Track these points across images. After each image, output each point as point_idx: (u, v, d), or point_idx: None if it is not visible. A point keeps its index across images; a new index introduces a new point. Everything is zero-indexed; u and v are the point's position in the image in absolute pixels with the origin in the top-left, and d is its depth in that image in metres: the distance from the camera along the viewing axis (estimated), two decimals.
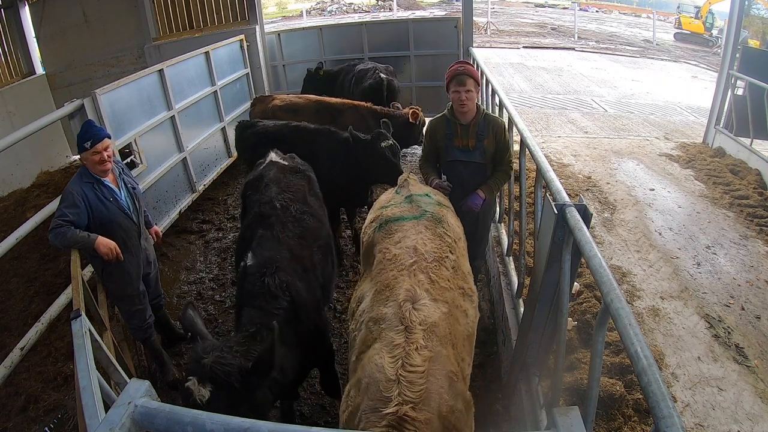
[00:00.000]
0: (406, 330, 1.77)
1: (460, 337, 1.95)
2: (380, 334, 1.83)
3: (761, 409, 2.77)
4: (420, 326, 1.78)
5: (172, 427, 1.03)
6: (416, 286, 1.97)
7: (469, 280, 2.33)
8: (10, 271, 4.75)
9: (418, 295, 1.92)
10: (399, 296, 1.92)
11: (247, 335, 2.15)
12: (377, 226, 2.48)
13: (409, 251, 2.17)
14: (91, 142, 2.83)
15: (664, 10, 23.01)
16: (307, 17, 23.18)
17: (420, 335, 1.75)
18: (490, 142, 3.02)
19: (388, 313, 1.89)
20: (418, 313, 1.84)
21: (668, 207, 5.07)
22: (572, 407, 1.17)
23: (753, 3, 11.02)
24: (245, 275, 2.52)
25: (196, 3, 7.54)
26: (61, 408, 3.27)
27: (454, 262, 2.26)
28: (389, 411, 1.54)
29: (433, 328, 1.81)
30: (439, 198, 2.75)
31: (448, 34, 7.13)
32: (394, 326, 1.81)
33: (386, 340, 1.77)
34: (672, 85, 11.54)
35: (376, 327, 1.88)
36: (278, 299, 2.35)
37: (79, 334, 1.92)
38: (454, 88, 2.93)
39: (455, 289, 2.13)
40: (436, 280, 2.06)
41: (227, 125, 6.40)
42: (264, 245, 2.63)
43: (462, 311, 2.07)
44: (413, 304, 1.87)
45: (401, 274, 2.07)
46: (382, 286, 2.06)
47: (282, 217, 2.82)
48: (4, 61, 7.91)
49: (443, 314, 1.91)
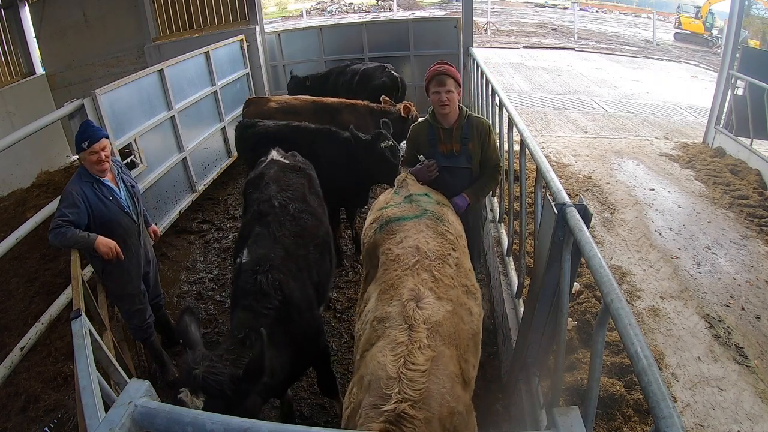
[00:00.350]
0: (409, 328, 1.77)
1: (465, 336, 1.94)
2: (384, 332, 1.83)
3: (761, 409, 2.77)
4: (424, 325, 1.78)
5: (172, 427, 1.03)
6: (420, 284, 1.97)
7: (471, 278, 2.32)
8: (10, 271, 4.76)
9: (422, 294, 1.92)
10: (403, 295, 1.92)
11: (236, 341, 2.16)
12: (378, 227, 2.47)
13: (412, 251, 2.17)
14: (88, 143, 2.84)
15: (664, 10, 23.02)
16: (307, 17, 23.19)
17: (423, 334, 1.75)
18: (475, 146, 2.89)
19: (392, 311, 1.89)
20: (422, 311, 1.84)
21: (668, 207, 5.07)
22: (572, 407, 1.17)
23: (753, 3, 11.03)
24: (240, 272, 2.54)
25: (196, 3, 7.54)
26: (61, 408, 3.27)
27: (456, 259, 2.25)
28: (388, 408, 1.54)
29: (437, 327, 1.81)
30: (439, 197, 2.74)
31: (448, 34, 7.13)
32: (397, 324, 1.81)
33: (389, 338, 1.77)
34: (672, 85, 11.54)
35: (380, 326, 1.88)
36: (269, 298, 2.36)
37: (79, 334, 1.92)
38: (434, 89, 2.79)
39: (459, 286, 2.12)
40: (440, 278, 2.06)
41: (227, 125, 6.41)
42: (259, 243, 2.65)
43: (466, 309, 2.07)
44: (417, 302, 1.87)
45: (405, 273, 2.07)
46: (387, 286, 2.06)
47: (279, 215, 2.83)
48: (4, 61, 7.91)
49: (448, 313, 1.90)
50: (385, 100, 5.47)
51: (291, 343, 2.40)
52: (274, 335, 2.27)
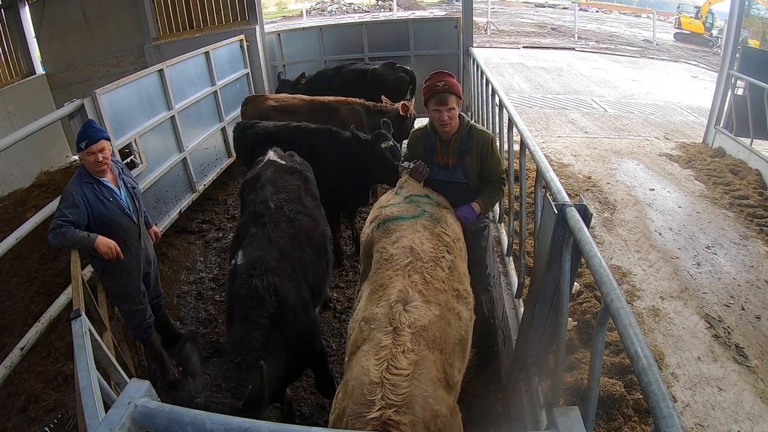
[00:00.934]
0: (394, 331, 1.76)
1: (451, 340, 1.92)
2: (369, 334, 1.83)
3: (761, 409, 2.77)
4: (409, 329, 1.77)
5: (172, 427, 1.03)
6: (409, 287, 1.96)
7: (465, 282, 2.29)
8: (10, 271, 4.76)
9: (410, 297, 1.91)
10: (391, 296, 1.92)
11: (233, 366, 2.17)
12: (375, 225, 2.47)
13: (406, 251, 2.16)
14: (86, 143, 2.84)
15: (664, 10, 23.01)
16: (307, 17, 23.19)
17: (408, 338, 1.74)
18: (472, 160, 2.69)
19: (378, 313, 1.88)
20: (408, 314, 1.83)
21: (668, 207, 5.07)
22: (572, 407, 1.17)
23: (753, 3, 11.04)
24: (235, 274, 2.55)
25: (196, 3, 7.53)
26: (61, 408, 3.27)
27: (450, 262, 2.24)
28: (373, 416, 1.53)
29: (422, 331, 1.80)
30: (439, 199, 2.72)
31: (448, 34, 7.12)
32: (382, 327, 1.80)
33: (374, 342, 1.77)
34: (672, 85, 11.54)
35: (367, 327, 1.87)
36: (264, 304, 2.37)
37: (79, 334, 1.92)
38: (435, 107, 2.59)
39: (449, 291, 2.10)
40: (431, 281, 2.04)
41: (227, 125, 6.40)
42: (254, 244, 2.65)
43: (455, 314, 2.05)
44: (404, 305, 1.86)
45: (396, 274, 2.06)
46: (377, 286, 2.06)
47: (275, 216, 2.83)
48: (4, 61, 7.90)
49: (434, 317, 1.89)
50: (384, 100, 5.46)
51: (287, 347, 2.41)
52: (269, 342, 2.29)
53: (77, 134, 2.91)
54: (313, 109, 5.33)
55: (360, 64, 6.73)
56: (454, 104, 2.60)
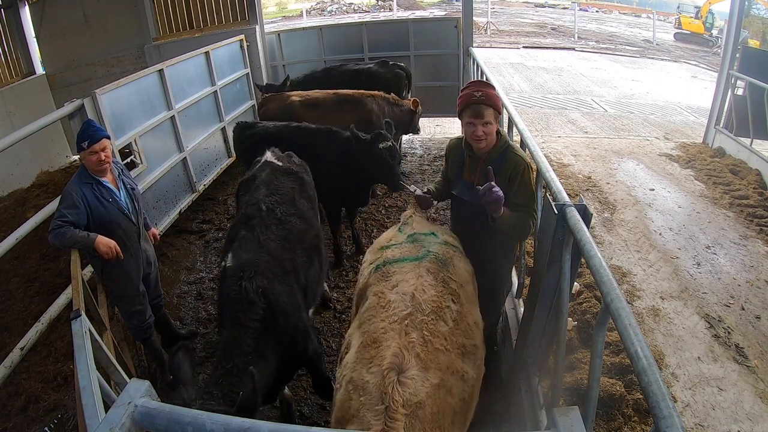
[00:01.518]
0: (386, 411, 1.57)
1: (450, 411, 1.74)
2: (358, 411, 1.64)
3: (761, 409, 2.77)
4: (402, 409, 1.58)
5: (172, 427, 1.03)
6: (405, 349, 1.73)
7: (473, 334, 2.03)
8: (10, 271, 4.76)
9: (405, 363, 1.70)
10: (384, 361, 1.70)
11: (224, 372, 2.16)
12: (374, 268, 2.25)
13: (406, 299, 1.95)
14: (88, 143, 2.83)
15: (664, 10, 23.02)
16: (307, 17, 23.20)
17: (401, 422, 1.55)
18: (500, 184, 2.33)
19: (369, 382, 1.68)
20: (402, 389, 1.62)
21: (668, 207, 5.07)
22: (572, 407, 1.17)
23: (753, 3, 11.04)
24: (225, 276, 2.55)
25: (196, 3, 7.54)
26: (61, 408, 3.27)
27: (456, 313, 2.01)
28: None
29: (418, 410, 1.61)
30: (447, 237, 2.44)
31: (448, 34, 7.13)
32: (373, 405, 1.61)
33: (363, 422, 1.59)
34: (672, 85, 11.55)
35: (356, 396, 1.69)
36: (254, 306, 2.35)
37: (79, 334, 1.92)
38: (469, 119, 2.36)
39: (453, 348, 1.87)
40: (430, 340, 1.82)
41: (227, 125, 6.40)
42: (243, 247, 2.63)
43: (458, 377, 1.83)
44: (399, 374, 1.66)
45: (392, 328, 1.85)
46: (370, 340, 1.85)
47: (266, 219, 2.81)
48: (4, 61, 7.90)
49: (432, 388, 1.69)
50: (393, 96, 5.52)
51: (278, 349, 2.40)
52: (260, 346, 2.28)
53: (77, 134, 2.90)
54: (338, 101, 5.33)
55: (351, 64, 6.71)
56: (491, 118, 2.35)
